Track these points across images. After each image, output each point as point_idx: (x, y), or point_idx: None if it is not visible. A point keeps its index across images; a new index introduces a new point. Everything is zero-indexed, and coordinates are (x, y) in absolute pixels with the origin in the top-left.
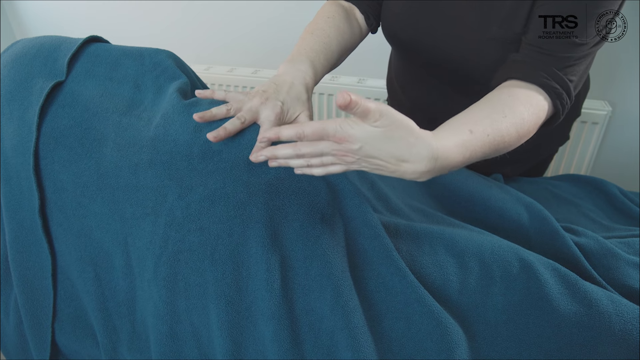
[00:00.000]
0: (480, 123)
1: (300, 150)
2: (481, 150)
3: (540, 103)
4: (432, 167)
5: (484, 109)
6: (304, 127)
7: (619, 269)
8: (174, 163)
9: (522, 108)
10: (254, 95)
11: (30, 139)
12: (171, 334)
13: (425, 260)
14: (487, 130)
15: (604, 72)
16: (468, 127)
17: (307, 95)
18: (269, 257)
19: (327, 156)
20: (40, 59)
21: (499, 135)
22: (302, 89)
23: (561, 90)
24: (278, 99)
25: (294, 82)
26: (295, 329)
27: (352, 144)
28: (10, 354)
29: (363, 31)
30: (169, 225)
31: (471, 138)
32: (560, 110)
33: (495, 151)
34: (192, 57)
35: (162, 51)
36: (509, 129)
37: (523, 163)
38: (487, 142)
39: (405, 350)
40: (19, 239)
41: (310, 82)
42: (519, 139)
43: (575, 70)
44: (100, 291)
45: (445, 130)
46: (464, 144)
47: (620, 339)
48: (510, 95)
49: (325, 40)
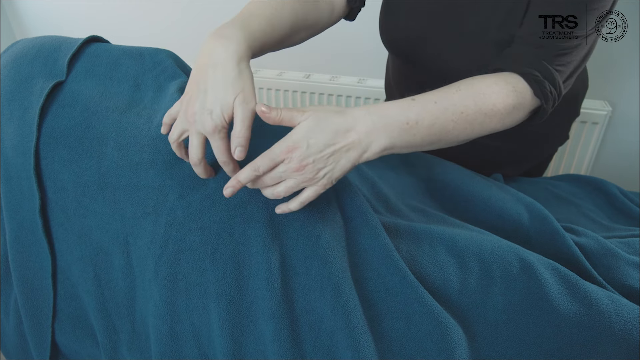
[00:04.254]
0: (427, 95)
1: (263, 183)
2: (429, 116)
3: (511, 82)
4: (372, 124)
5: (438, 90)
6: (257, 161)
7: (619, 269)
8: (175, 162)
9: (481, 85)
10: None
11: (31, 139)
12: (171, 334)
13: (425, 260)
14: (434, 98)
15: (604, 72)
16: (411, 97)
17: (236, 70)
18: (269, 257)
19: (289, 180)
20: (41, 59)
21: (451, 104)
22: (229, 68)
23: (541, 77)
24: (203, 106)
25: (217, 62)
26: (295, 329)
27: (299, 148)
28: (10, 354)
29: (336, 12)
30: (170, 225)
31: (413, 103)
32: (543, 98)
33: (453, 121)
34: (192, 57)
35: (162, 50)
36: (465, 101)
37: (523, 163)
38: (435, 109)
39: (405, 350)
40: (20, 239)
41: (240, 51)
42: (484, 113)
43: (563, 60)
44: (100, 291)
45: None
46: (404, 106)
47: (621, 339)
48: (471, 78)
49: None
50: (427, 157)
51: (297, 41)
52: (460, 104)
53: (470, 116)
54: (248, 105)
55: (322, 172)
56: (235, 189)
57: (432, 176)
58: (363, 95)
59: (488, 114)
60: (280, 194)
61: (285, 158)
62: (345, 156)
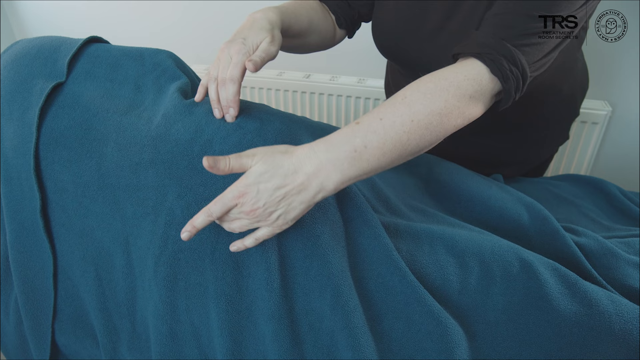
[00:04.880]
0: (372, 112)
1: (215, 219)
2: (376, 137)
3: (462, 72)
4: (319, 162)
5: (384, 103)
6: (210, 206)
7: (619, 269)
8: (174, 162)
9: (428, 84)
10: (222, 51)
11: (31, 140)
12: (171, 334)
13: (425, 260)
14: (379, 115)
15: (604, 72)
16: (356, 121)
17: (269, 25)
18: (268, 257)
19: (243, 219)
20: (40, 60)
21: (398, 116)
22: (263, 22)
23: (498, 55)
24: (240, 37)
25: (256, 18)
26: (295, 329)
27: (249, 193)
28: (10, 354)
29: (337, 31)
30: (169, 225)
31: (357, 127)
32: (501, 77)
33: (406, 132)
34: (192, 57)
35: (162, 51)
36: (413, 107)
37: (523, 164)
38: (381, 127)
39: (405, 350)
40: (20, 240)
41: (273, 17)
42: (438, 114)
43: (529, 40)
44: (101, 291)
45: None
46: (348, 133)
47: (621, 339)
48: (420, 79)
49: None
50: (427, 157)
51: (311, 43)
52: (409, 112)
53: (423, 121)
54: (272, 46)
55: (275, 214)
56: (191, 233)
57: (432, 176)
58: (363, 95)
59: (442, 112)
60: (235, 230)
61: (237, 203)
62: (297, 198)
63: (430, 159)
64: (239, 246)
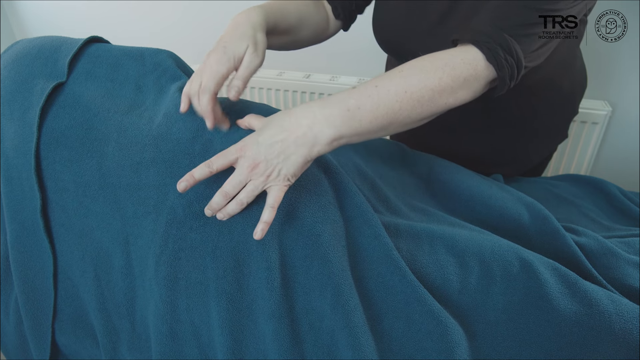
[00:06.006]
0: (369, 80)
1: (228, 192)
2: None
3: (458, 55)
4: (313, 116)
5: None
6: (211, 159)
7: (619, 269)
8: (175, 161)
9: (425, 62)
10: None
11: (31, 140)
12: (171, 334)
13: (425, 259)
14: (376, 82)
15: (604, 72)
16: (353, 86)
17: (251, 30)
18: (269, 255)
19: (248, 185)
20: (41, 60)
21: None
22: (245, 27)
23: (494, 43)
24: (220, 45)
25: (238, 22)
26: (295, 328)
27: (250, 145)
28: (10, 354)
29: (332, 23)
30: (170, 224)
31: (353, 90)
32: (496, 65)
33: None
34: (192, 57)
35: (162, 51)
36: (408, 80)
37: (523, 162)
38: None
39: (405, 350)
40: (21, 240)
41: (256, 19)
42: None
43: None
44: (100, 291)
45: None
46: (344, 94)
47: (621, 339)
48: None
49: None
50: (427, 157)
51: (303, 39)
52: (403, 84)
53: (416, 94)
54: (255, 58)
55: (277, 168)
56: (189, 183)
57: (433, 176)
58: None
59: (435, 89)
60: (243, 200)
61: (238, 156)
62: (295, 151)
63: (430, 159)
64: (262, 227)
